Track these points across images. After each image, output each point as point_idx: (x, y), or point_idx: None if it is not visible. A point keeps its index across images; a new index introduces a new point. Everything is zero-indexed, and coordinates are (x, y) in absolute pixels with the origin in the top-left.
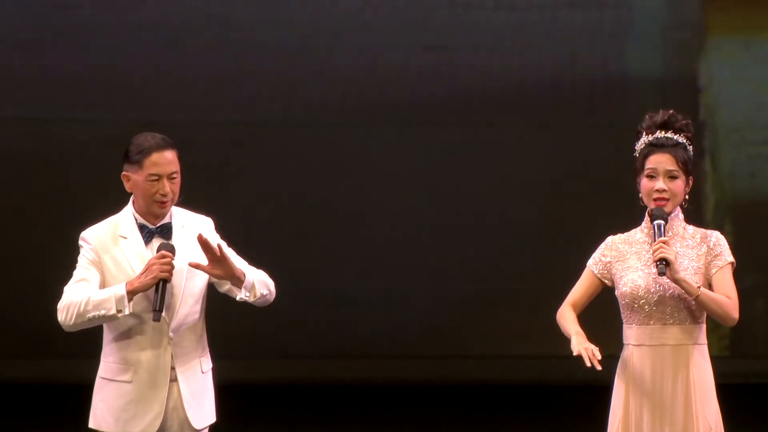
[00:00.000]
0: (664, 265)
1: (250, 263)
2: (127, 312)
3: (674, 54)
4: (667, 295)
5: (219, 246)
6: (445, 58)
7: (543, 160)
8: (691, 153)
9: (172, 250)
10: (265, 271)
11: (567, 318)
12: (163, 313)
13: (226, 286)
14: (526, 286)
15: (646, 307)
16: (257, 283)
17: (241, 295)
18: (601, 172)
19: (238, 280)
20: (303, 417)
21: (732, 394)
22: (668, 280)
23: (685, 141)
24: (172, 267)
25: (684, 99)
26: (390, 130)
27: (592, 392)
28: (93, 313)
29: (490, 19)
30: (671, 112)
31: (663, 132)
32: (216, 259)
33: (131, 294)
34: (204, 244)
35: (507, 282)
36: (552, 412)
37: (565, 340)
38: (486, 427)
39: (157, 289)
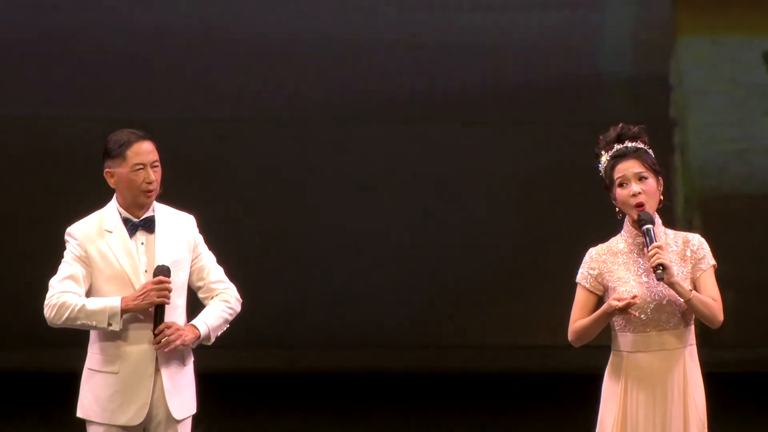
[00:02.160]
0: (661, 270)
1: (233, 260)
2: (117, 328)
3: (645, 54)
4: (664, 302)
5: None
6: (425, 57)
7: (519, 156)
8: (653, 156)
9: (167, 273)
10: (249, 263)
11: (583, 320)
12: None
13: (199, 294)
14: (505, 279)
15: (643, 316)
16: (214, 329)
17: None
18: (574, 168)
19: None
20: (286, 405)
21: (703, 383)
22: (662, 287)
23: (644, 146)
24: (169, 291)
25: (655, 97)
26: (372, 128)
27: (568, 381)
28: (83, 321)
29: (468, 21)
30: (621, 125)
31: (620, 144)
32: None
33: (124, 312)
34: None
35: (486, 275)
36: (530, 400)
37: (542, 331)
38: (467, 414)
39: (155, 314)
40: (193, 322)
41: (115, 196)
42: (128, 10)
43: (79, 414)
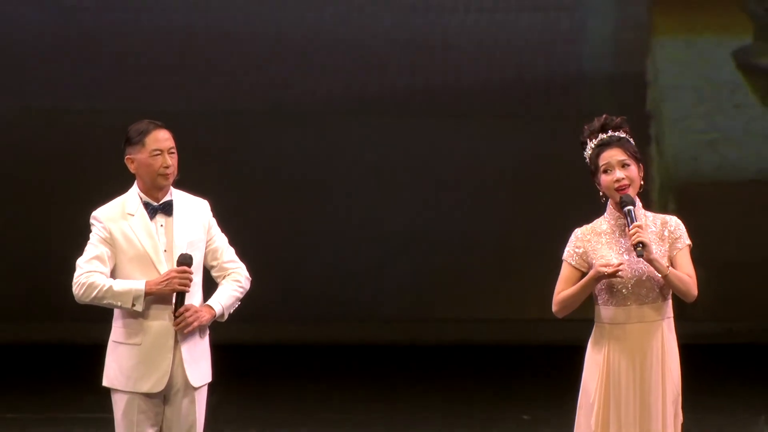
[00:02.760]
0: (641, 247)
1: (244, 252)
2: (140, 309)
3: (623, 52)
4: (644, 277)
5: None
6: (421, 55)
7: (507, 145)
8: (634, 144)
9: (190, 262)
10: (259, 244)
11: (568, 289)
12: None
13: (213, 273)
14: (496, 258)
15: (624, 290)
16: (227, 307)
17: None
18: (560, 157)
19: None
20: (293, 375)
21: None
22: (641, 264)
23: (626, 135)
24: (190, 280)
25: (632, 92)
26: (372, 120)
27: (554, 351)
28: (110, 301)
29: (461, 22)
30: (605, 116)
31: (604, 133)
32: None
33: (147, 295)
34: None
35: (478, 255)
36: (519, 369)
37: (531, 305)
38: (462, 383)
39: (176, 300)
40: (208, 302)
41: (135, 182)
42: (147, 11)
43: (105, 383)
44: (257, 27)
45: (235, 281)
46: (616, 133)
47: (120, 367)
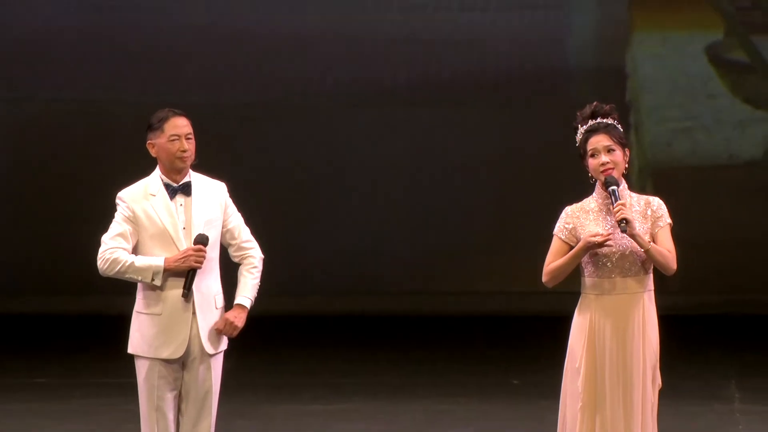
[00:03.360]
0: (625, 223)
1: (258, 230)
2: (158, 283)
3: (605, 47)
4: (627, 252)
5: (228, 326)
6: (420, 51)
7: (500, 133)
8: (621, 130)
9: (206, 242)
10: (272, 225)
11: (556, 260)
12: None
13: (230, 251)
14: (489, 235)
15: (609, 263)
16: (253, 298)
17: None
18: (547, 142)
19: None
20: (302, 344)
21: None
22: (625, 239)
23: (613, 122)
24: (204, 258)
25: (613, 84)
26: (375, 111)
27: (543, 321)
28: (131, 275)
29: (456, 19)
30: (595, 103)
31: (593, 120)
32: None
33: (166, 271)
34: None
35: (472, 233)
36: (510, 338)
37: (522, 279)
38: (454, 350)
39: (187, 275)
40: (238, 301)
41: (157, 166)
42: (166, 9)
43: (129, 350)
44: (271, 24)
45: (253, 268)
46: (604, 120)
47: (142, 335)
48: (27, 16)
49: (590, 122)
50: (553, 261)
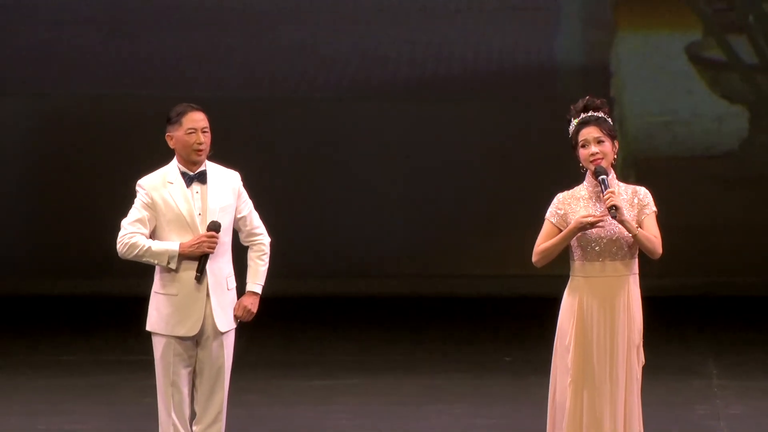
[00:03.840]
0: (614, 210)
1: (262, 213)
2: (174, 266)
3: (591, 46)
4: (615, 237)
5: (245, 313)
6: (418, 49)
7: (495, 125)
8: (611, 123)
9: (218, 228)
10: (280, 209)
11: (549, 240)
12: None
13: (241, 236)
14: (481, 222)
15: (597, 248)
16: (263, 282)
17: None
18: (535, 135)
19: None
20: (308, 323)
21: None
22: (614, 225)
23: (604, 115)
24: (216, 245)
25: (598, 80)
26: (376, 105)
27: (532, 303)
28: (148, 259)
29: (452, 19)
30: (588, 97)
31: (585, 113)
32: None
33: (181, 256)
34: (242, 319)
35: (466, 220)
36: (501, 318)
37: (510, 263)
38: (450, 330)
39: (200, 259)
40: (250, 288)
41: (175, 156)
42: (185, 8)
43: (147, 327)
44: (284, 25)
45: (264, 255)
46: (596, 114)
47: (159, 314)
48: (50, 17)
49: (582, 115)
50: (541, 242)
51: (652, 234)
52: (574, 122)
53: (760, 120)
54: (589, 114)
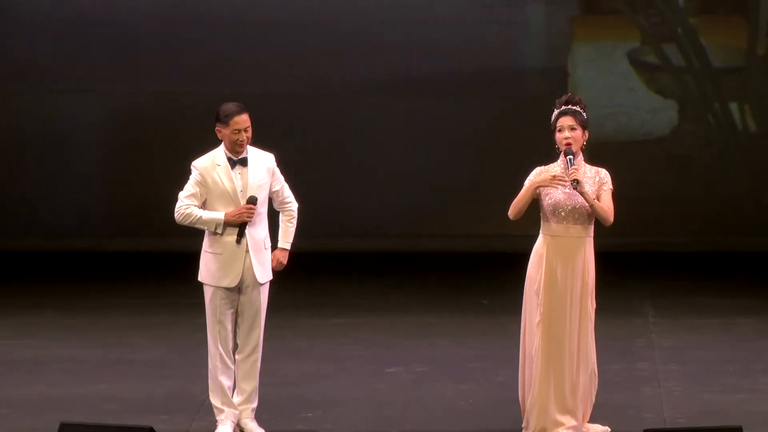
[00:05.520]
0: (576, 182)
1: (292, 185)
2: (220, 231)
3: (553, 51)
4: (577, 206)
5: (277, 264)
6: (415, 54)
7: (474, 116)
8: (585, 116)
9: (255, 202)
10: (307, 180)
11: (517, 198)
12: None
13: (275, 204)
14: (466, 191)
15: (563, 213)
16: (291, 239)
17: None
18: (508, 122)
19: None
20: (323, 275)
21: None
22: (577, 196)
23: (580, 109)
24: (253, 214)
25: (558, 80)
26: (377, 99)
27: (506, 258)
28: (199, 225)
29: (442, 30)
30: (570, 94)
31: (566, 105)
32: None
33: (225, 224)
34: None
35: (453, 188)
36: (480, 271)
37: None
38: (437, 281)
39: (240, 226)
40: (282, 245)
41: (222, 144)
42: (233, 11)
43: (199, 279)
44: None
45: (292, 218)
46: (573, 107)
47: (208, 269)
48: (120, 27)
49: (563, 107)
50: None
51: (606, 206)
52: (556, 111)
53: (686, 111)
54: (568, 107)
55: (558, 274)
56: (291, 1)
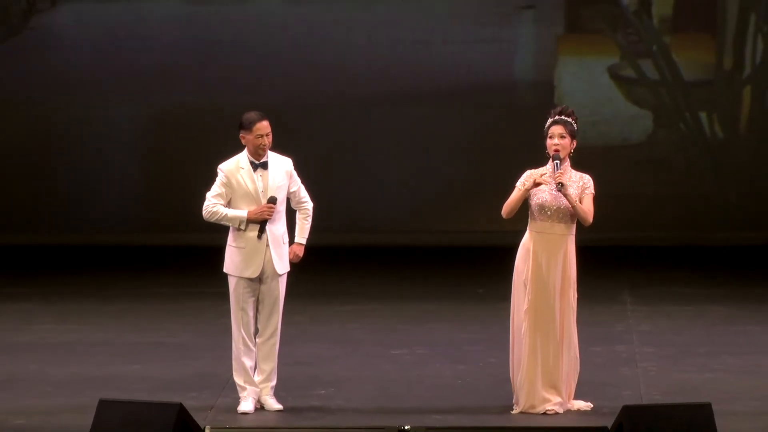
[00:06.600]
0: (560, 185)
1: (308, 186)
2: (243, 228)
3: (540, 66)
4: (562, 206)
5: (294, 257)
6: (418, 68)
7: (471, 124)
8: (575, 126)
9: (275, 201)
10: (320, 181)
11: (509, 199)
12: None
13: (292, 203)
14: (462, 191)
15: (549, 212)
16: (307, 234)
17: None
18: (501, 129)
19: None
20: (335, 266)
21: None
22: (561, 198)
23: (571, 120)
24: (273, 212)
25: (546, 92)
26: (381, 109)
27: (499, 251)
28: (225, 222)
29: (442, 48)
30: (564, 106)
31: (559, 115)
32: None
33: (248, 221)
34: (293, 261)
35: (451, 189)
36: (476, 264)
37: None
38: (439, 271)
39: (261, 223)
40: (298, 240)
41: (245, 149)
42: (257, 34)
43: (224, 270)
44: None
45: (308, 216)
46: (566, 117)
47: (232, 260)
48: (153, 43)
49: (556, 116)
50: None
51: (587, 208)
52: (549, 120)
53: (660, 120)
54: (561, 117)
55: (543, 266)
56: (308, 28)
